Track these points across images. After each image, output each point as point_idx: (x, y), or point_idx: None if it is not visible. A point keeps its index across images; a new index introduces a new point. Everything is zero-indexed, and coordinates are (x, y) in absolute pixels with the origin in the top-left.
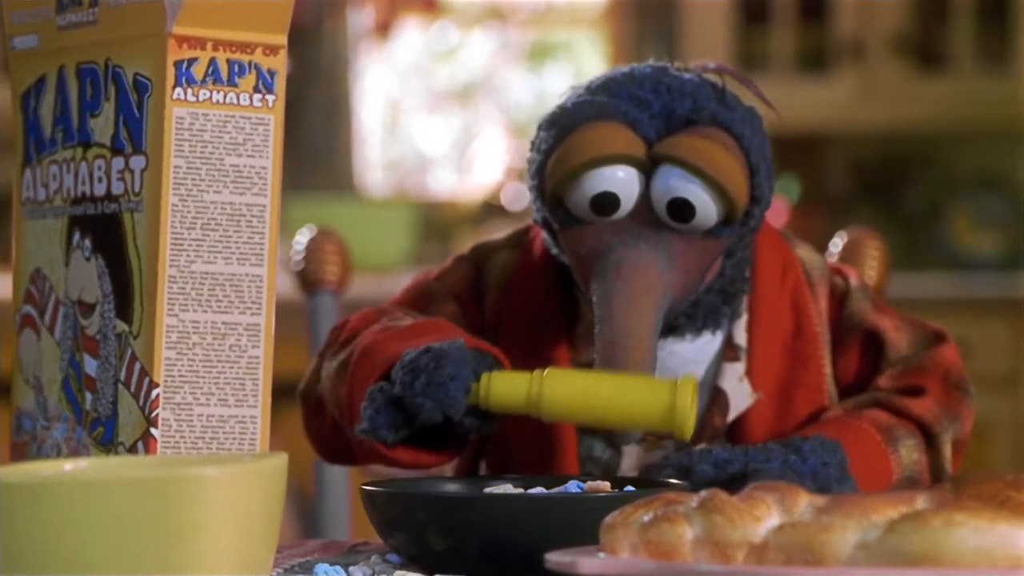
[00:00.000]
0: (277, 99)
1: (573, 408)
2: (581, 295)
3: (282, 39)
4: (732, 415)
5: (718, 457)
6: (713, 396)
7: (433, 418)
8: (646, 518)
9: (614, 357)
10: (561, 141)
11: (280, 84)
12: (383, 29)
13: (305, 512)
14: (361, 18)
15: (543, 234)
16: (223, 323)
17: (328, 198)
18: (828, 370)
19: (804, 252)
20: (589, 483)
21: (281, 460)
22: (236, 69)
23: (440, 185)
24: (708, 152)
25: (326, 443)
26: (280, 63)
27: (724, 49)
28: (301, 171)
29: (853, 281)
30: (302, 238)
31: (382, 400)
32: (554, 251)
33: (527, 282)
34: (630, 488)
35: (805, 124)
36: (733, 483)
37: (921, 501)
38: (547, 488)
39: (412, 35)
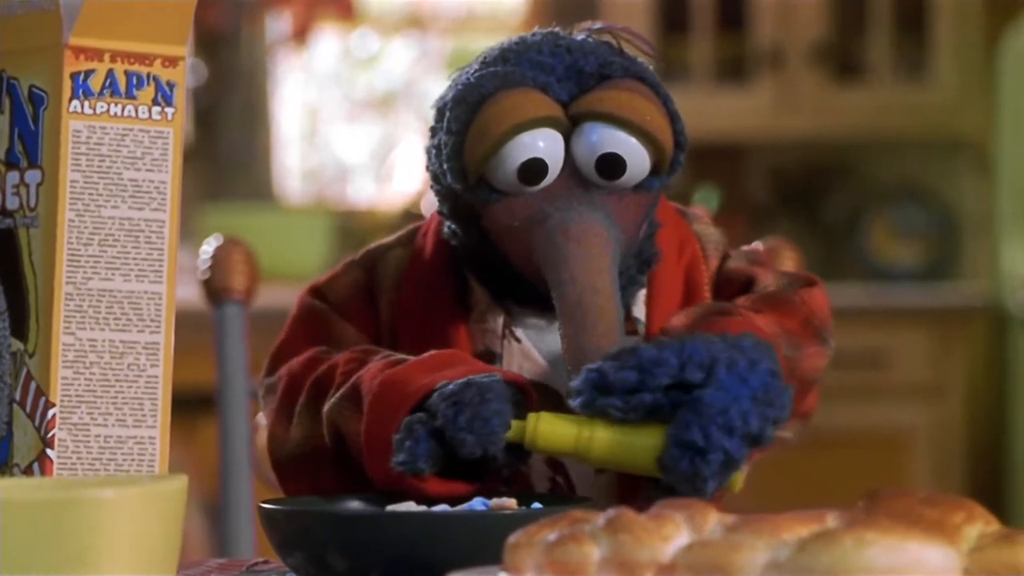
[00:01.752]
0: (177, 112)
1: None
2: (475, 281)
3: (182, 50)
4: None
5: (643, 360)
6: None
7: (473, 453)
8: (551, 537)
9: (585, 318)
10: (474, 116)
11: (180, 96)
12: (300, 35)
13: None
14: (279, 24)
15: (443, 226)
16: (121, 341)
17: (246, 206)
18: None
19: (701, 227)
20: (494, 500)
21: (180, 482)
22: (134, 81)
23: (359, 194)
24: (631, 102)
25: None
26: (180, 75)
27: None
28: (218, 179)
29: (744, 248)
30: (208, 247)
31: (423, 432)
32: (455, 241)
33: (421, 276)
34: (537, 505)
35: (724, 133)
36: (666, 393)
37: (832, 519)
38: (451, 505)
39: (331, 43)
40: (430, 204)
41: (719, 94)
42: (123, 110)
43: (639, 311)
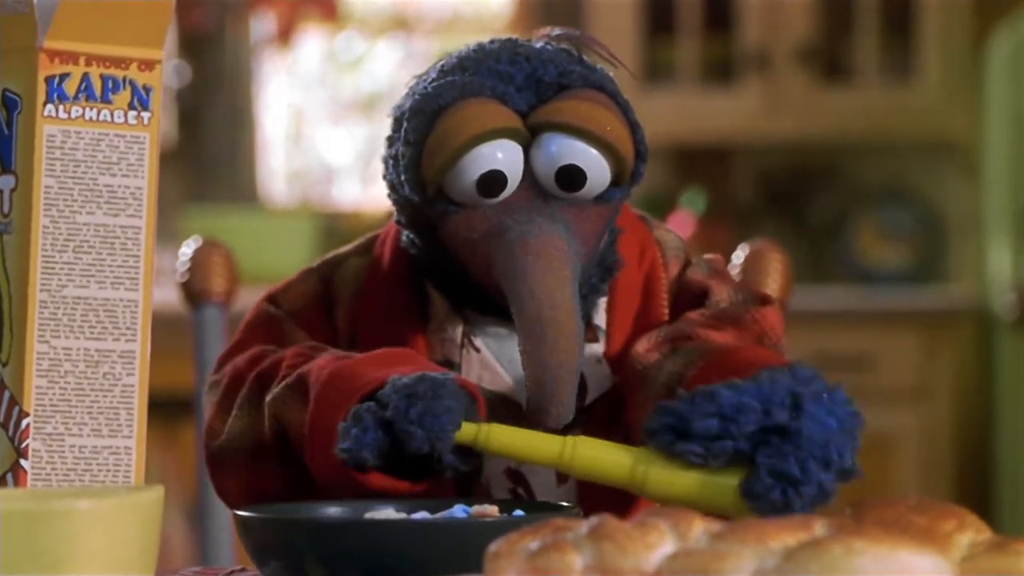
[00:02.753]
0: (153, 116)
1: (669, 484)
2: (433, 290)
3: (159, 53)
4: (591, 397)
5: (724, 407)
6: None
7: (420, 448)
8: (533, 546)
9: (545, 333)
10: (432, 127)
11: (156, 101)
12: (284, 35)
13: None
14: (263, 25)
15: (401, 235)
16: (96, 350)
17: (229, 208)
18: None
19: (662, 233)
20: (475, 507)
21: (157, 493)
22: (110, 85)
23: (344, 196)
24: (591, 113)
25: (273, 492)
26: (156, 79)
27: (629, 59)
28: (202, 181)
29: (704, 256)
30: (187, 248)
31: (371, 421)
32: (413, 250)
33: (380, 285)
34: (519, 513)
35: (711, 135)
36: (749, 440)
37: (820, 527)
38: (432, 512)
39: (316, 44)
40: None
41: (705, 96)
42: (98, 114)
43: (600, 319)
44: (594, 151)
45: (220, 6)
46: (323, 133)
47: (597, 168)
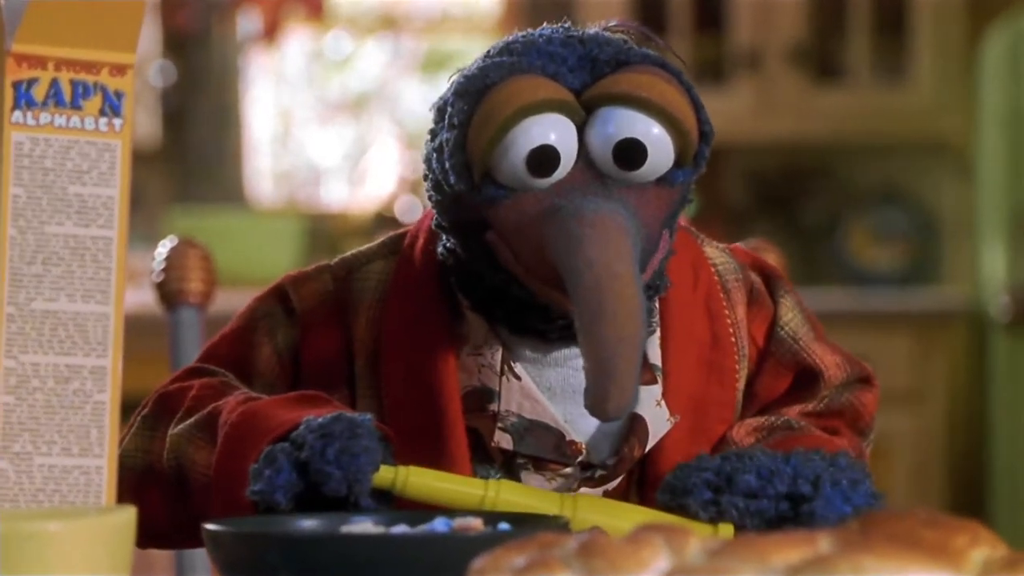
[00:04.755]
0: (125, 123)
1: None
2: (469, 310)
3: (131, 58)
4: (651, 443)
5: (761, 466)
6: (631, 425)
7: (337, 490)
8: (519, 562)
9: (603, 303)
10: (477, 105)
11: (128, 107)
12: (270, 33)
13: None
14: (249, 24)
15: (438, 244)
16: (66, 366)
17: (215, 209)
18: (741, 384)
19: (713, 251)
20: (458, 520)
21: (128, 514)
22: (80, 91)
23: (332, 197)
24: (652, 84)
25: (152, 518)
26: (128, 84)
27: None
28: (188, 181)
29: (781, 289)
30: (163, 248)
31: (285, 461)
32: (451, 261)
33: (407, 294)
34: (504, 526)
35: None
36: (776, 503)
37: (825, 543)
38: (411, 526)
39: (303, 44)
40: (404, 207)
41: None
42: (68, 121)
43: (655, 356)
44: (655, 125)
45: (206, 5)
46: (310, 134)
47: (659, 144)
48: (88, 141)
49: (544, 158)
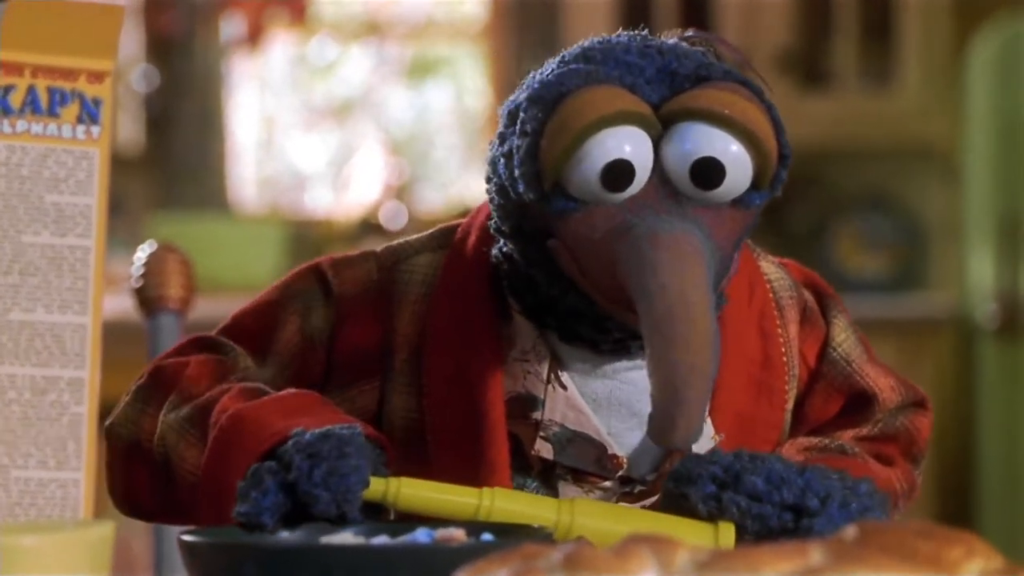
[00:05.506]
0: (103, 131)
1: (599, 542)
2: (519, 315)
3: (109, 64)
4: None
5: (772, 471)
6: None
7: (327, 512)
8: (503, 574)
9: (675, 330)
10: (552, 113)
11: (106, 114)
12: (254, 37)
13: None
14: (233, 28)
15: (492, 245)
16: (43, 377)
17: (198, 215)
18: (790, 405)
19: (768, 267)
20: (440, 531)
21: (107, 528)
22: (57, 98)
23: (316, 203)
24: (733, 101)
25: (137, 492)
26: (106, 91)
27: None
28: (171, 187)
29: (834, 309)
30: (142, 253)
31: (272, 484)
32: (506, 266)
33: (456, 291)
34: (487, 536)
35: None
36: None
37: (817, 554)
38: (393, 536)
39: (287, 49)
40: (388, 214)
41: None
42: (45, 129)
43: None
44: (735, 144)
45: (189, 10)
46: (294, 139)
47: (738, 163)
48: (65, 149)
49: (619, 172)
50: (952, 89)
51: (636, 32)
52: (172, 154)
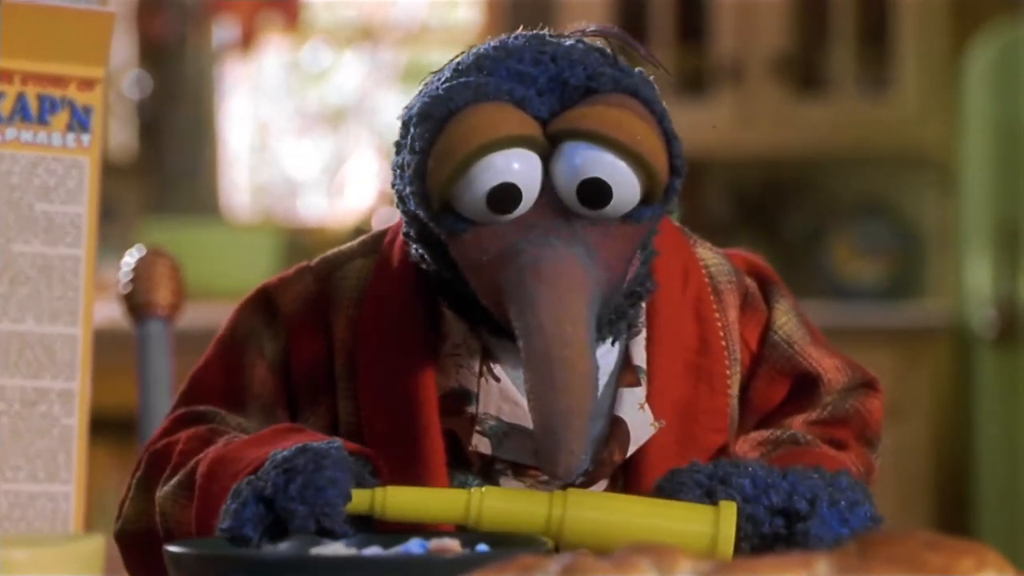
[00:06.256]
0: (94, 139)
1: (594, 533)
2: (447, 309)
3: (99, 72)
4: (632, 448)
5: (756, 476)
6: (612, 428)
7: (305, 527)
8: None
9: (552, 372)
10: (439, 133)
11: (97, 122)
12: (247, 42)
13: None
14: (225, 34)
15: (410, 246)
16: (33, 389)
17: (191, 221)
18: (734, 391)
19: (705, 252)
20: (434, 541)
21: (97, 542)
22: (47, 106)
23: (309, 210)
24: (619, 120)
25: None
26: (97, 99)
27: None
28: (163, 193)
29: (777, 294)
30: (130, 258)
31: (249, 493)
32: (423, 265)
33: (386, 293)
34: (482, 547)
35: (684, 148)
36: (770, 515)
37: (822, 566)
38: (385, 547)
39: (280, 55)
40: (382, 220)
41: (678, 107)
42: (35, 137)
43: (639, 358)
44: (622, 163)
45: (182, 15)
46: (287, 146)
47: (625, 183)
48: (55, 158)
49: (505, 195)
50: (949, 95)
51: (534, 32)
52: (164, 160)
